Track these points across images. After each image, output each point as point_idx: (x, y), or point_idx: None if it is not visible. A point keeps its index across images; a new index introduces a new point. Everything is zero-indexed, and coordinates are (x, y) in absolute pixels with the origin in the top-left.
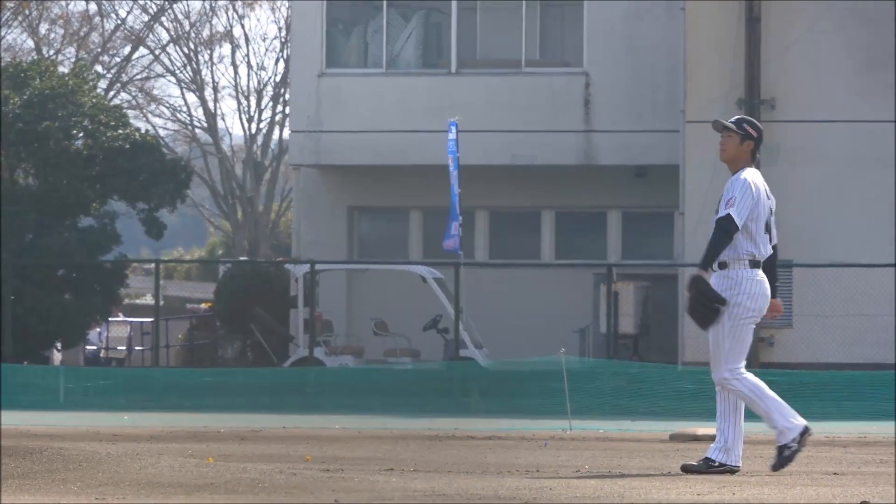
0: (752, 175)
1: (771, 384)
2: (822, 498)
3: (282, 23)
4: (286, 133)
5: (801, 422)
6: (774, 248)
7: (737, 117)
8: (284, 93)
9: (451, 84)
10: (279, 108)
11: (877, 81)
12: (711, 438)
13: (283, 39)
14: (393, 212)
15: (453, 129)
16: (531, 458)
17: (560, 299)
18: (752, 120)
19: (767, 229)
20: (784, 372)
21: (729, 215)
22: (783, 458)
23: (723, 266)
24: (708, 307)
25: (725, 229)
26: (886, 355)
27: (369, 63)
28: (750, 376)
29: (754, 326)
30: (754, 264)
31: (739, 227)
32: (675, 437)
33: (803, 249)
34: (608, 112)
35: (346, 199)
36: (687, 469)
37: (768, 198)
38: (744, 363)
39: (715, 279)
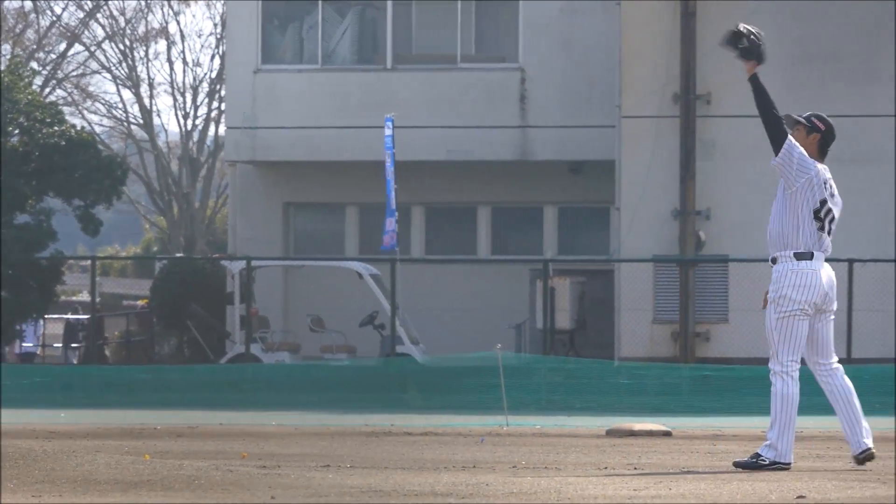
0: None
1: (707, 379)
2: (759, 493)
3: (217, 19)
4: (222, 129)
5: (790, 457)
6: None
7: (809, 112)
8: (220, 89)
9: (386, 80)
10: (215, 104)
11: (810, 76)
12: (648, 434)
13: (218, 36)
14: (329, 208)
15: (389, 124)
16: (468, 453)
17: (496, 295)
18: (822, 115)
19: (822, 225)
20: (720, 367)
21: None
22: (751, 463)
23: (774, 261)
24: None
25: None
26: None
27: (305, 59)
28: (793, 385)
29: (807, 320)
30: (800, 257)
31: (781, 151)
32: (611, 433)
33: (739, 244)
34: (544, 107)
35: (282, 196)
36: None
37: (832, 196)
38: (795, 358)
39: (772, 273)
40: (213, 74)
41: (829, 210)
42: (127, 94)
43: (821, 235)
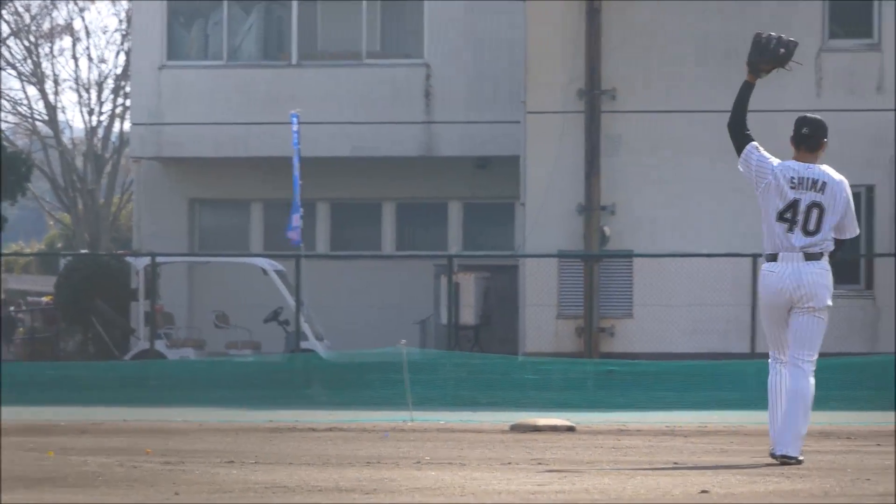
0: (782, 161)
1: (611, 374)
2: (663, 488)
3: (122, 15)
4: (127, 125)
5: (775, 446)
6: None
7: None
8: (125, 85)
9: (292, 76)
10: (120, 100)
11: (717, 71)
12: (552, 429)
13: (123, 32)
14: (234, 204)
15: (295, 120)
16: (372, 449)
17: (401, 290)
18: (803, 116)
19: (790, 226)
20: (625, 362)
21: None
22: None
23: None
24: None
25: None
26: (728, 344)
27: (210, 56)
28: (772, 375)
29: (780, 315)
30: (767, 258)
31: (741, 159)
32: (515, 428)
33: (644, 239)
34: (449, 104)
35: (187, 192)
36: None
37: (811, 189)
38: (776, 354)
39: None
40: (119, 71)
41: (797, 205)
42: (32, 91)
43: (789, 236)
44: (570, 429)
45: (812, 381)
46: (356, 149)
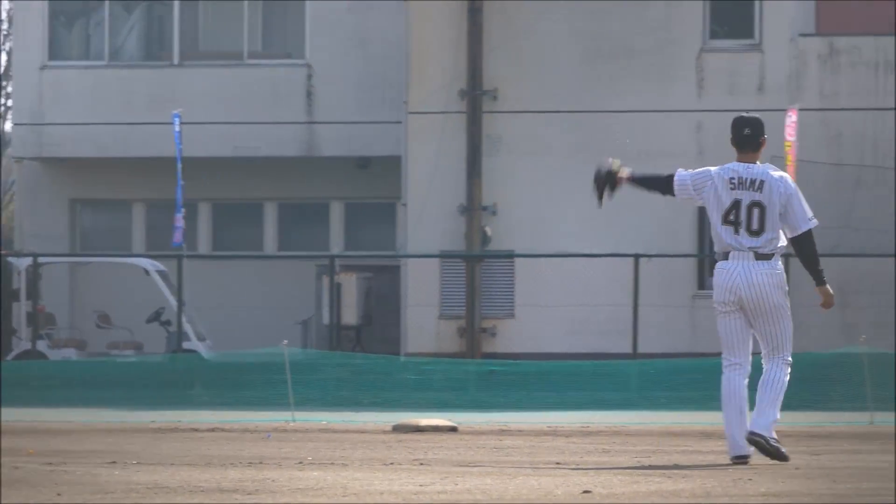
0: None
1: (493, 374)
2: (545, 488)
3: (3, 15)
4: (8, 125)
5: (731, 448)
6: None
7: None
8: (6, 85)
9: (173, 76)
10: (0, 100)
11: (600, 72)
12: (434, 429)
13: (4, 32)
14: (116, 204)
15: (176, 121)
16: (254, 449)
17: (283, 291)
18: (741, 116)
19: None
20: (506, 362)
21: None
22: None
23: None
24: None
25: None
26: (609, 345)
27: (92, 56)
28: (727, 375)
29: (735, 316)
30: (717, 256)
31: (676, 192)
32: (398, 429)
33: (525, 239)
34: (331, 103)
35: (69, 192)
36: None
37: (750, 189)
38: (735, 357)
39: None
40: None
41: (739, 205)
42: None
43: (736, 237)
44: (453, 429)
45: (787, 373)
46: (238, 149)
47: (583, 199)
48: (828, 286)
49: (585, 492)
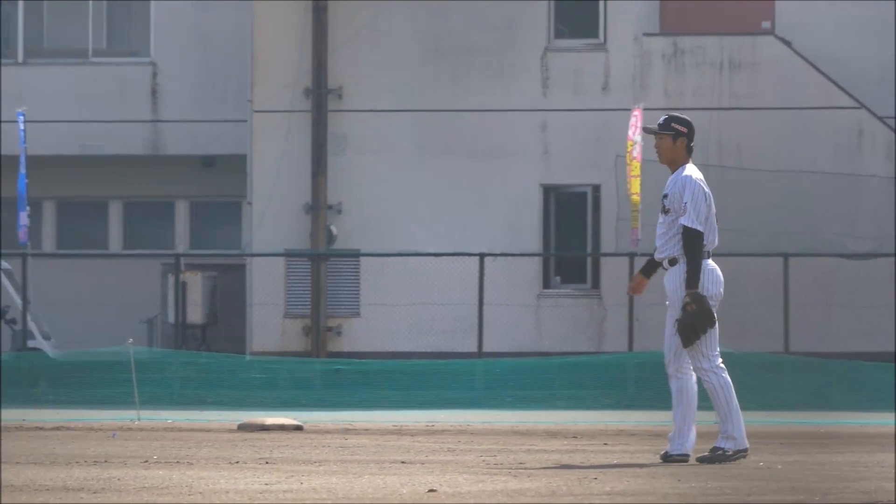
0: (694, 172)
1: (339, 373)
2: (390, 486)
3: None
4: None
5: (746, 442)
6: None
7: (663, 118)
8: None
9: (18, 74)
10: None
11: (442, 71)
12: (280, 428)
13: None
14: None
15: (21, 119)
16: (100, 448)
17: (128, 289)
18: (679, 116)
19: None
20: (351, 361)
21: (688, 227)
22: (713, 457)
23: (673, 262)
24: (703, 325)
25: (695, 239)
26: (455, 344)
27: None
28: (725, 374)
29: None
30: (707, 255)
31: (701, 229)
32: (243, 427)
33: (371, 238)
34: (176, 102)
35: None
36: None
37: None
38: (717, 351)
39: (672, 274)
40: None
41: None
42: None
43: (712, 239)
44: (298, 428)
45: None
46: (83, 147)
47: (428, 198)
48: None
49: (431, 490)
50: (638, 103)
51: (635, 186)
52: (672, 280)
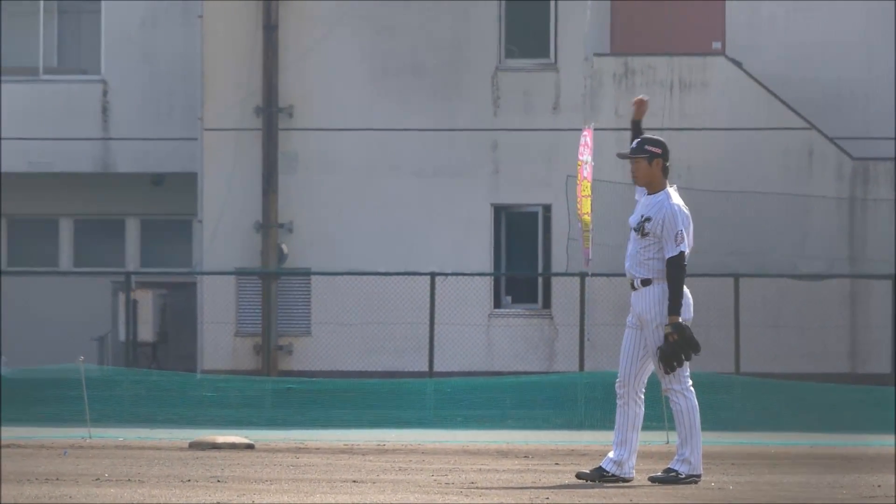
0: (678, 199)
1: (290, 392)
2: None
3: None
4: None
5: (701, 468)
6: None
7: (637, 140)
8: None
9: None
10: None
11: (390, 89)
12: (231, 446)
13: None
14: None
15: None
16: (51, 466)
17: (79, 307)
18: (653, 137)
19: None
20: (302, 380)
21: (682, 253)
22: (666, 478)
23: (646, 283)
24: (686, 352)
25: (682, 267)
26: (404, 363)
27: None
28: (694, 397)
29: None
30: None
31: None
32: (194, 445)
33: (322, 256)
34: (126, 120)
35: None
36: (580, 476)
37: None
38: (688, 373)
39: (644, 294)
40: None
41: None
42: None
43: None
44: (250, 446)
45: None
46: (32, 164)
47: (378, 217)
48: None
49: None
50: (589, 123)
51: (586, 206)
52: (643, 300)
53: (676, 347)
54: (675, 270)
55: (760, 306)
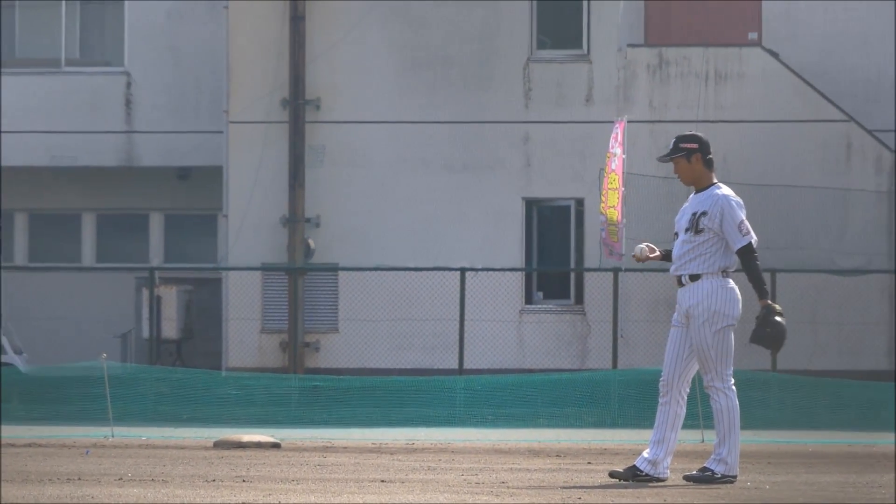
0: (727, 189)
1: (317, 390)
2: None
3: None
4: None
5: (737, 469)
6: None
7: (674, 140)
8: None
9: None
10: None
11: (420, 82)
12: (257, 445)
13: None
14: None
15: None
16: (73, 465)
17: (102, 303)
18: (687, 133)
19: None
20: (329, 378)
21: (751, 244)
22: (701, 477)
23: (695, 278)
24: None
25: (755, 256)
26: (435, 360)
27: None
28: (735, 397)
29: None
30: (726, 273)
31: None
32: (219, 444)
33: (350, 252)
34: (151, 113)
35: None
36: (614, 476)
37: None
38: (731, 371)
39: (693, 289)
40: None
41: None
42: None
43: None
44: (276, 445)
45: None
46: (55, 158)
47: (407, 211)
48: None
49: None
50: (622, 115)
51: (612, 199)
52: (692, 295)
53: (781, 327)
54: (750, 260)
55: (798, 302)
